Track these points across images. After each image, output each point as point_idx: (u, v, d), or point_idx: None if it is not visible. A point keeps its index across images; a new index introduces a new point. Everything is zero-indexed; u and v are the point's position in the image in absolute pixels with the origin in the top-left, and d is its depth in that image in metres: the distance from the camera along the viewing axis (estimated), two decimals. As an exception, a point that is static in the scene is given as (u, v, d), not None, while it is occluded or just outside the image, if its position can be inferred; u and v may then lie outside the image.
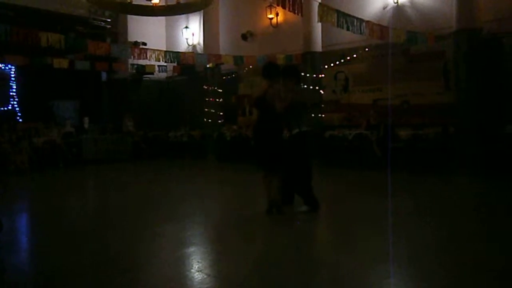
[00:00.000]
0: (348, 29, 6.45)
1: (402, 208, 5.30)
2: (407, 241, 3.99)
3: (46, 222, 5.44)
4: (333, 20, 6.10)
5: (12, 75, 13.73)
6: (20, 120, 13.30)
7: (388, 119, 9.42)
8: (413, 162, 8.35)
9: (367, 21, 6.96)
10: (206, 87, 12.62)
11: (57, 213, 6.01)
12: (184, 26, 14.04)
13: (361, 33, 6.84)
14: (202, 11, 11.69)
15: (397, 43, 8.31)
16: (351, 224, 4.83)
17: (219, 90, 12.66)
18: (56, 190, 8.46)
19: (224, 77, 12.92)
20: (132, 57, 9.88)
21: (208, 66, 12.32)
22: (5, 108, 13.54)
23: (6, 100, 13.57)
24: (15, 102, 13.74)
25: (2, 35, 6.95)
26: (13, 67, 13.43)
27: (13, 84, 13.75)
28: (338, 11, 6.27)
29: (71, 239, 4.55)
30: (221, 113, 12.68)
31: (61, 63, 11.53)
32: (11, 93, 13.70)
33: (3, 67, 13.38)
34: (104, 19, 13.56)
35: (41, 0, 11.86)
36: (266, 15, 12.07)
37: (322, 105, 10.69)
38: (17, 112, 13.71)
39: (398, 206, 5.33)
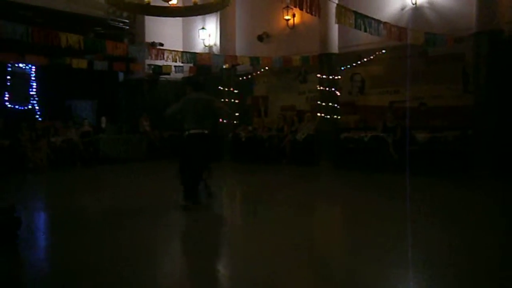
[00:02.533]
0: (365, 31, 6.40)
1: (418, 212, 5.23)
2: (426, 246, 3.94)
3: (64, 219, 5.51)
4: (350, 21, 6.07)
5: (32, 75, 13.98)
6: (40, 119, 13.52)
7: (405, 121, 9.31)
8: (430, 165, 8.24)
9: (385, 23, 6.90)
10: (221, 88, 12.65)
11: (74, 211, 6.09)
12: (201, 27, 14.10)
13: (378, 35, 6.78)
14: (218, 12, 11.72)
15: (415, 45, 8.21)
16: (368, 227, 4.78)
17: (234, 91, 12.68)
18: (73, 188, 8.58)
19: (239, 78, 12.95)
20: (149, 57, 9.96)
21: (224, 67, 12.36)
22: (26, 107, 13.79)
23: (26, 99, 13.83)
24: (35, 101, 13.99)
25: (24, 36, 7.08)
26: (33, 67, 13.66)
27: (33, 84, 14.00)
28: (355, 12, 6.23)
29: (86, 237, 4.61)
30: (236, 114, 12.69)
31: (79, 63, 11.73)
32: (31, 93, 13.95)
33: (23, 67, 13.63)
34: (122, 20, 13.70)
35: (60, 1, 12.05)
36: (283, 16, 12.06)
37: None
38: (37, 111, 13.95)
39: (414, 210, 5.26)
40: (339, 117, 10.57)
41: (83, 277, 3.34)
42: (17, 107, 13.59)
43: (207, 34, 14.08)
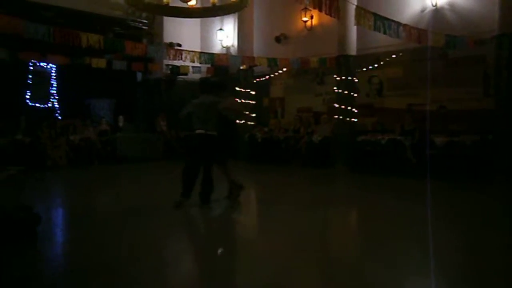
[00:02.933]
0: (385, 33, 6.34)
1: (436, 217, 5.15)
2: (444, 252, 3.88)
3: (81, 216, 5.59)
4: (370, 23, 6.02)
5: (53, 74, 14.23)
6: (59, 117, 13.75)
7: (423, 124, 9.19)
8: (448, 169, 8.11)
9: (405, 25, 6.82)
10: (238, 89, 12.67)
11: (91, 208, 6.18)
12: (219, 28, 14.16)
13: (398, 37, 6.70)
14: (236, 13, 11.76)
15: (435, 47, 8.10)
16: (383, 231, 4.73)
17: (251, 92, 12.69)
18: (91, 186, 8.70)
19: (256, 79, 12.96)
20: (167, 57, 10.04)
21: (241, 68, 12.39)
22: (46, 106, 14.05)
23: (47, 97, 14.08)
24: (55, 100, 14.24)
25: (46, 36, 7.21)
26: (54, 66, 13.91)
27: (53, 83, 14.25)
28: (375, 14, 6.17)
29: (103, 233, 4.67)
30: (253, 115, 12.70)
31: (99, 63, 11.90)
32: (51, 91, 14.20)
33: (44, 66, 13.89)
34: (141, 20, 13.84)
35: (81, 2, 12.24)
36: (301, 17, 12.03)
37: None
38: (57, 110, 14.19)
39: (432, 215, 5.17)
40: (356, 119, 10.50)
41: (101, 273, 3.38)
42: (38, 105, 13.85)
43: (225, 35, 14.13)
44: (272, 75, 12.96)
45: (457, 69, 9.18)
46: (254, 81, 12.93)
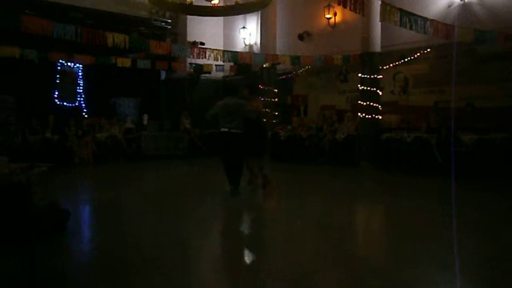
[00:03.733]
0: (411, 29, 6.23)
1: (463, 218, 5.03)
2: (470, 253, 3.79)
3: (109, 213, 5.72)
4: (396, 19, 5.92)
5: (80, 73, 14.52)
6: (86, 115, 14.03)
7: (450, 122, 8.98)
8: (476, 168, 7.91)
9: (432, 20, 6.68)
10: (261, 87, 12.68)
11: (117, 205, 6.30)
12: (242, 26, 14.19)
13: (425, 33, 6.58)
14: (259, 11, 11.76)
15: (463, 42, 7.91)
16: (410, 231, 4.66)
17: (274, 89, 12.68)
18: (117, 183, 8.87)
19: (279, 77, 12.93)
20: (191, 56, 10.12)
21: (264, 66, 12.38)
22: (73, 104, 14.35)
23: (74, 97, 14.39)
24: (81, 99, 14.54)
25: (73, 36, 7.37)
26: (80, 65, 14.20)
27: (80, 82, 14.54)
28: (401, 10, 6.07)
29: (128, 230, 4.76)
30: (276, 113, 12.69)
31: (124, 62, 12.09)
32: (78, 90, 14.50)
33: (72, 66, 14.19)
34: (164, 19, 13.99)
35: (106, 3, 12.46)
36: (324, 15, 11.94)
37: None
38: (83, 108, 14.49)
39: (458, 215, 5.06)
40: (380, 117, 10.36)
41: (128, 269, 3.44)
42: (65, 104, 14.17)
43: (248, 33, 14.16)
44: (295, 73, 12.92)
45: (486, 65, 8.95)
46: (277, 79, 12.91)
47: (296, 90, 13.15)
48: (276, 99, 12.70)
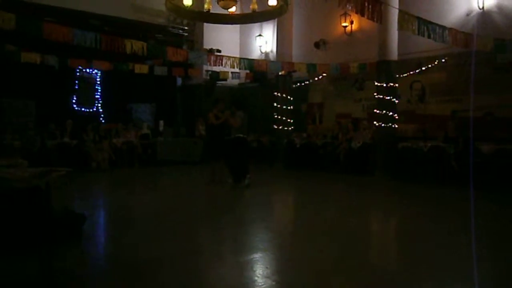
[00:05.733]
0: (429, 37, 6.17)
1: (484, 231, 4.94)
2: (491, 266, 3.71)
3: (124, 217, 5.77)
4: (413, 27, 5.88)
5: (98, 80, 14.76)
6: (103, 121, 14.23)
7: (468, 132, 8.84)
8: (495, 179, 7.76)
9: (450, 29, 6.61)
10: (276, 94, 12.69)
11: (132, 209, 6.35)
12: (258, 33, 14.26)
13: (443, 41, 6.51)
14: (276, 19, 11.80)
15: (482, 51, 7.80)
16: (426, 242, 4.59)
17: (289, 97, 12.68)
18: (133, 188, 8.96)
19: (295, 85, 12.93)
20: (207, 63, 10.20)
21: (280, 73, 12.40)
22: (91, 110, 14.58)
23: (92, 102, 14.62)
24: (99, 105, 14.76)
25: (93, 43, 7.50)
26: (98, 72, 14.43)
27: (98, 88, 14.78)
28: (419, 18, 6.03)
29: (144, 234, 4.79)
30: (291, 121, 12.68)
31: (141, 68, 12.25)
32: (96, 96, 14.73)
33: (90, 72, 14.44)
34: (182, 27, 14.15)
35: (125, 10, 12.66)
36: (340, 23, 11.93)
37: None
38: (101, 114, 14.70)
39: (479, 228, 4.97)
40: (396, 126, 10.26)
41: (145, 274, 3.46)
42: (83, 109, 14.40)
43: (264, 40, 14.22)
44: (311, 81, 12.91)
45: (506, 74, 8.80)
46: (293, 87, 12.92)
47: (311, 98, 13.13)
48: (291, 107, 12.69)
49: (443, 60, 9.80)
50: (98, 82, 14.79)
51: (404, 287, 3.26)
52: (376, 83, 10.40)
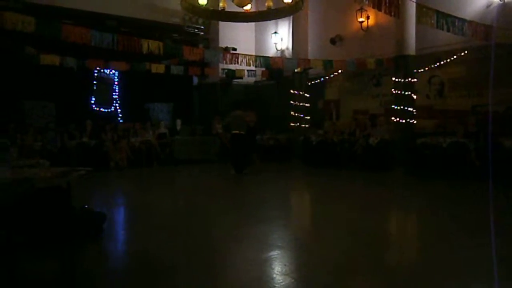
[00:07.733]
0: (448, 30, 6.07)
1: (507, 228, 4.83)
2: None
3: (142, 215, 5.83)
4: (432, 21, 5.78)
5: (116, 80, 14.95)
6: (121, 121, 14.41)
7: (489, 126, 8.67)
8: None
9: (470, 21, 6.48)
10: (293, 92, 12.65)
11: (151, 208, 6.41)
12: (273, 31, 14.24)
13: (463, 35, 6.38)
14: (291, 16, 11.76)
15: (502, 44, 7.62)
16: (447, 239, 4.52)
17: (306, 94, 12.63)
18: (151, 186, 9.05)
19: (311, 82, 12.87)
20: (223, 62, 10.23)
21: (296, 70, 12.36)
22: (109, 110, 14.78)
23: (110, 102, 14.82)
24: (117, 104, 14.95)
25: (110, 44, 7.60)
26: (116, 72, 14.61)
27: (116, 88, 14.97)
28: (437, 12, 5.92)
29: (162, 232, 4.84)
30: (308, 118, 12.63)
31: (158, 68, 12.36)
32: (114, 96, 14.92)
33: (108, 73, 14.62)
34: (197, 26, 14.21)
35: (141, 11, 12.78)
36: (356, 18, 11.82)
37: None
38: (119, 114, 14.88)
39: (501, 225, 4.87)
40: (415, 121, 10.12)
41: (163, 271, 3.49)
42: (101, 109, 14.60)
43: (279, 38, 14.19)
44: (327, 77, 12.83)
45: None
46: (309, 84, 12.86)
47: (328, 94, 13.05)
48: (308, 104, 12.63)
49: (462, 54, 9.63)
50: (116, 83, 14.97)
51: (426, 287, 3.22)
52: (393, 79, 10.28)
